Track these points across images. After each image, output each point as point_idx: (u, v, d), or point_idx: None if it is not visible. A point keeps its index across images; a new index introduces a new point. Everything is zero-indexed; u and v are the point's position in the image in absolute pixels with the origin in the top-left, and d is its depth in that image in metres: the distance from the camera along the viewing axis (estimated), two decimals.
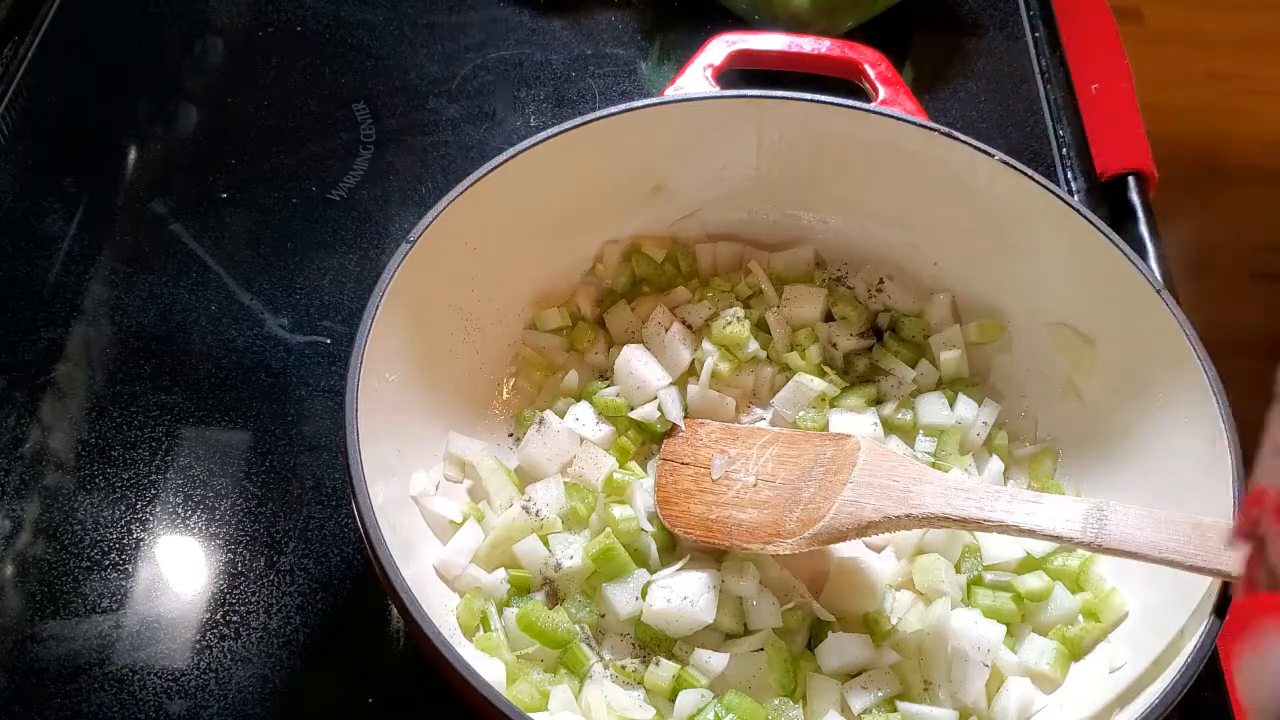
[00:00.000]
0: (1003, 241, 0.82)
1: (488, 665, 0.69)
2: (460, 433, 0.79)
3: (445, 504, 0.76)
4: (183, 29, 1.09)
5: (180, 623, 0.75)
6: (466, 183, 0.77)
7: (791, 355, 0.84)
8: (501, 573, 0.74)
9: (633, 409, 0.81)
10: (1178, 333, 0.72)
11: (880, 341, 0.86)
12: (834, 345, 0.86)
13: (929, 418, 0.82)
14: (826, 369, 0.84)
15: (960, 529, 0.68)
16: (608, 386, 0.83)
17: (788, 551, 0.72)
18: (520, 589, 0.74)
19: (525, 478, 0.80)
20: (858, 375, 0.85)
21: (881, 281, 0.88)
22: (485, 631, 0.72)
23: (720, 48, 0.90)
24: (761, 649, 0.72)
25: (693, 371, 0.84)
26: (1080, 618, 0.73)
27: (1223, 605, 0.63)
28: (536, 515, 0.76)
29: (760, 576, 0.74)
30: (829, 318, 0.87)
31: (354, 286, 0.92)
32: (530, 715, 0.58)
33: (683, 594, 0.72)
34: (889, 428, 0.83)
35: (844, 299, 0.88)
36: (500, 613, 0.73)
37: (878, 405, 0.84)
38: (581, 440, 0.80)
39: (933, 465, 0.80)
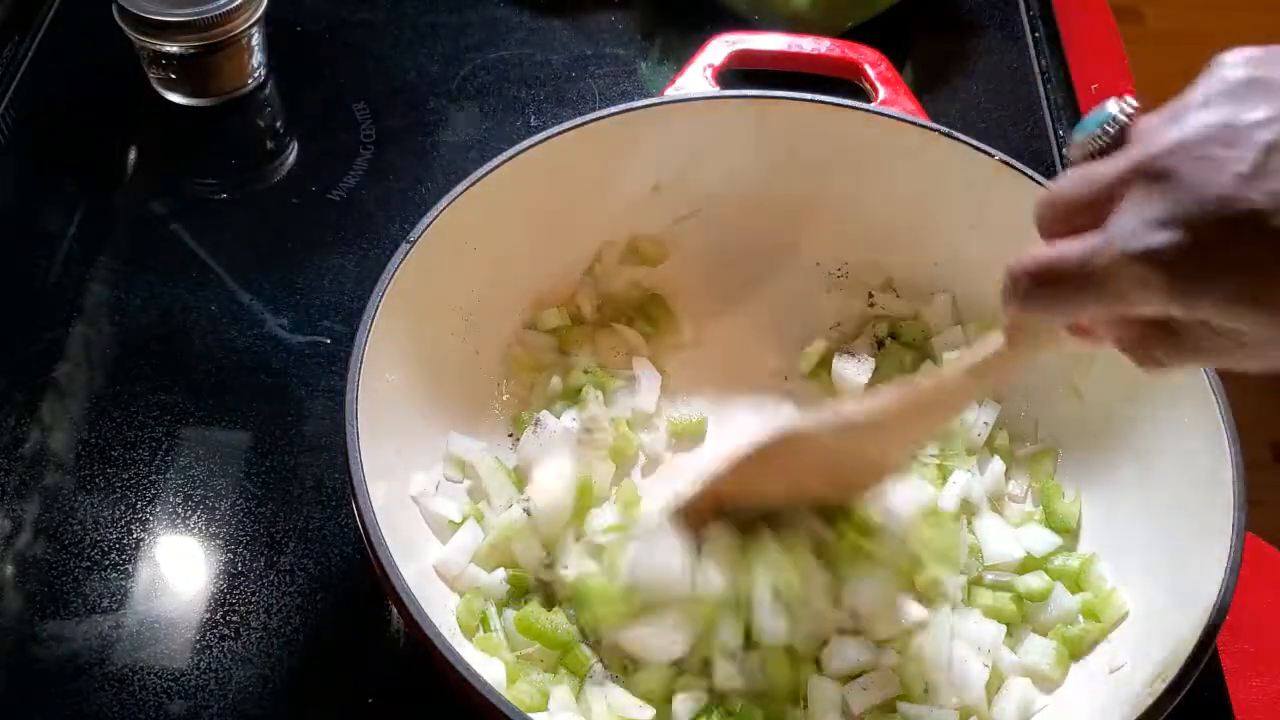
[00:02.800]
0: (1003, 241, 0.82)
1: (488, 665, 0.69)
2: (460, 433, 0.79)
3: (445, 504, 0.76)
4: None
5: (180, 623, 0.75)
6: (466, 183, 0.77)
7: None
8: (501, 573, 0.74)
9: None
10: None
11: (882, 348, 0.86)
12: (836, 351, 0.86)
13: None
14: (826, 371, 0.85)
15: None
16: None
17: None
18: (520, 589, 0.74)
19: (525, 478, 0.79)
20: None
21: (882, 283, 0.88)
22: (485, 631, 0.72)
23: (720, 48, 0.90)
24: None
25: None
26: (1080, 618, 0.73)
27: (1223, 605, 0.63)
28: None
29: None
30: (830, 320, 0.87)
31: (354, 286, 0.92)
32: (530, 715, 0.58)
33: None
34: None
35: (844, 300, 0.88)
36: (500, 613, 0.73)
37: None
38: (578, 441, 0.80)
39: (938, 467, 0.80)
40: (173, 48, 0.97)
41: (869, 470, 0.71)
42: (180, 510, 0.80)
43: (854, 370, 0.84)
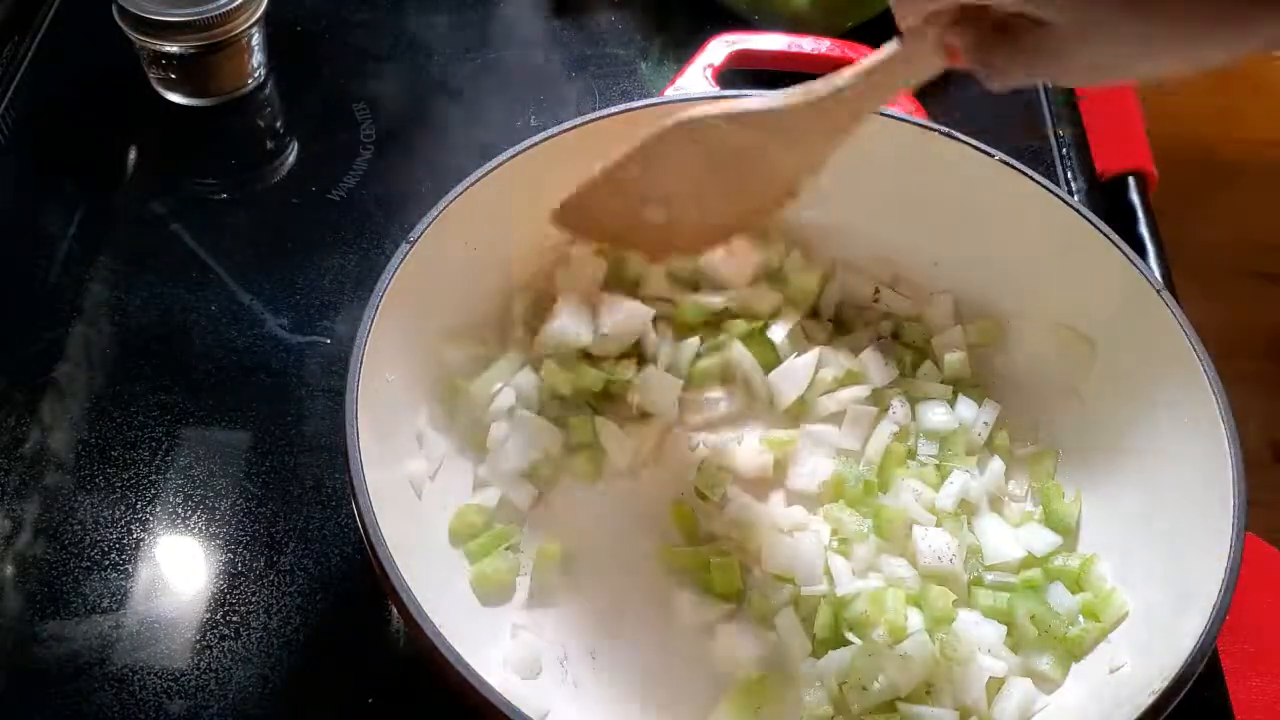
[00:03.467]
0: (1003, 242, 0.82)
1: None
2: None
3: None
4: None
5: (180, 623, 0.75)
6: (466, 183, 0.76)
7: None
8: None
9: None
10: (1178, 333, 0.72)
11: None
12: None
13: (930, 422, 0.82)
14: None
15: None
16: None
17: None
18: None
19: None
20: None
21: (881, 286, 0.88)
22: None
23: (720, 48, 0.91)
24: None
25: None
26: (1080, 618, 0.73)
27: (1223, 605, 0.63)
28: None
29: None
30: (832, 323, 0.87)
31: (354, 286, 0.92)
32: (529, 715, 0.58)
33: None
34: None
35: (844, 302, 0.88)
36: None
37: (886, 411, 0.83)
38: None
39: (937, 467, 0.80)
40: (173, 48, 0.97)
41: (770, 183, 0.72)
42: (180, 510, 0.80)
43: None
